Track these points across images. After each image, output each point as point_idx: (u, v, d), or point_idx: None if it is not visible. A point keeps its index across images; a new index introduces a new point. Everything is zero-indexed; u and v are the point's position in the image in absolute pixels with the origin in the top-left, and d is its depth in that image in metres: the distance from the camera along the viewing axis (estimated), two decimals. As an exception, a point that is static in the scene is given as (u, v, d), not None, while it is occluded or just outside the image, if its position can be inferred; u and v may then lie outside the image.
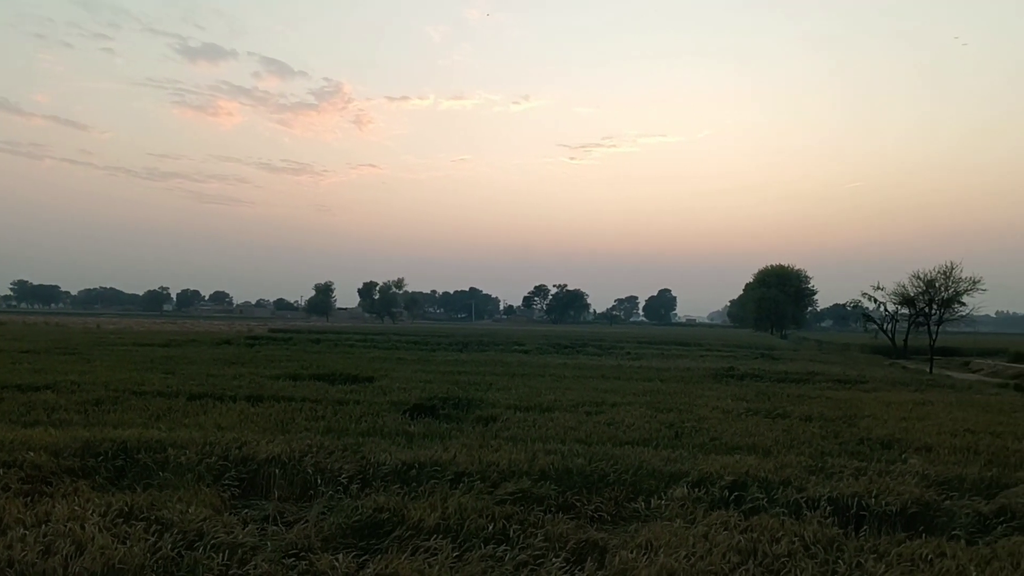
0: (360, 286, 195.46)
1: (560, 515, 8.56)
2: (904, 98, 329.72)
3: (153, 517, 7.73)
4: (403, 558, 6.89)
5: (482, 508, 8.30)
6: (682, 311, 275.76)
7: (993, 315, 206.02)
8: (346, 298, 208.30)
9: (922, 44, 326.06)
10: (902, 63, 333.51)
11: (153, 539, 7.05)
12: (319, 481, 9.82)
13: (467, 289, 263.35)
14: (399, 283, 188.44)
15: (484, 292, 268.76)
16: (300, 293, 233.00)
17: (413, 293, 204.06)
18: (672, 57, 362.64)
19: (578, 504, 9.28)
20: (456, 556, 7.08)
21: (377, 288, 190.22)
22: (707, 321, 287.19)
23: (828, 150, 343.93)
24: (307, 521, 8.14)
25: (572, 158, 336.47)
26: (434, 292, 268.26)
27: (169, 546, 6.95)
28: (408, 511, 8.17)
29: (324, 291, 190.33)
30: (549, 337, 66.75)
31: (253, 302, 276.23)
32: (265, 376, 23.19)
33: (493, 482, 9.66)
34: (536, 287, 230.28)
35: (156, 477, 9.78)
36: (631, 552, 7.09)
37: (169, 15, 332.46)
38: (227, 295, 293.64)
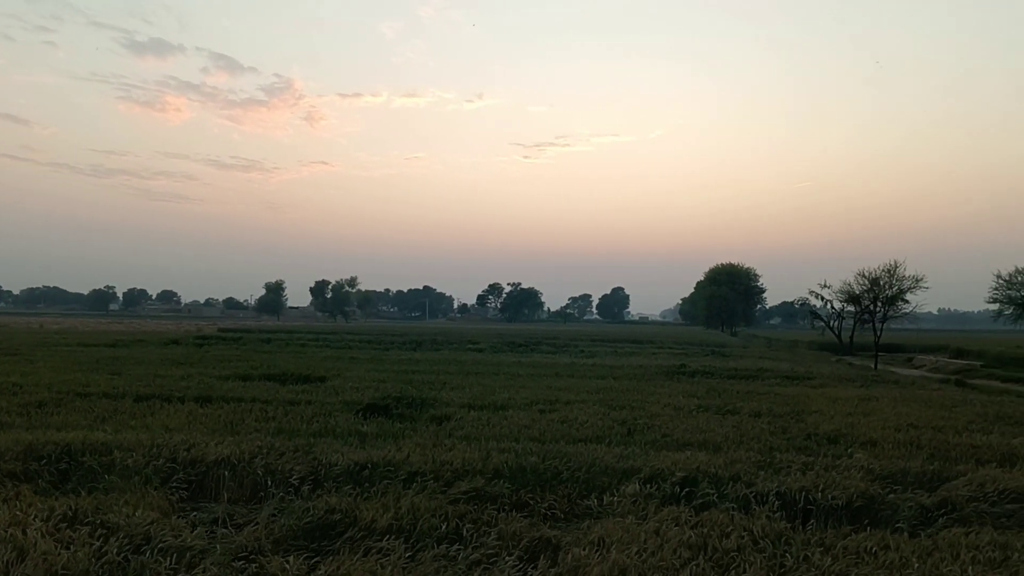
0: (312, 285, 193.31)
1: (514, 513, 8.58)
2: (851, 100, 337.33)
3: (98, 521, 7.56)
4: (355, 559, 6.84)
5: (435, 508, 8.28)
6: (635, 309, 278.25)
7: (935, 312, 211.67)
8: (298, 297, 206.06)
9: (868, 49, 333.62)
10: (849, 67, 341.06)
11: (98, 544, 6.90)
12: (270, 483, 9.70)
13: (421, 288, 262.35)
14: (352, 282, 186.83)
15: (438, 291, 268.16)
16: (250, 292, 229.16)
17: (366, 292, 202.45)
18: (625, 57, 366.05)
19: (532, 502, 9.31)
20: (409, 556, 7.05)
21: (330, 287, 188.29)
22: (660, 319, 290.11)
23: (778, 150, 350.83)
24: (257, 523, 8.03)
25: (526, 157, 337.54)
26: (388, 291, 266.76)
27: (115, 551, 6.80)
28: (360, 512, 8.11)
29: (275, 290, 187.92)
30: (503, 335, 66.81)
31: (202, 301, 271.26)
32: (214, 376, 22.82)
33: (447, 481, 9.65)
34: (490, 285, 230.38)
35: (102, 480, 9.57)
36: (584, 549, 7.13)
37: (114, 8, 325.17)
38: (175, 294, 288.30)
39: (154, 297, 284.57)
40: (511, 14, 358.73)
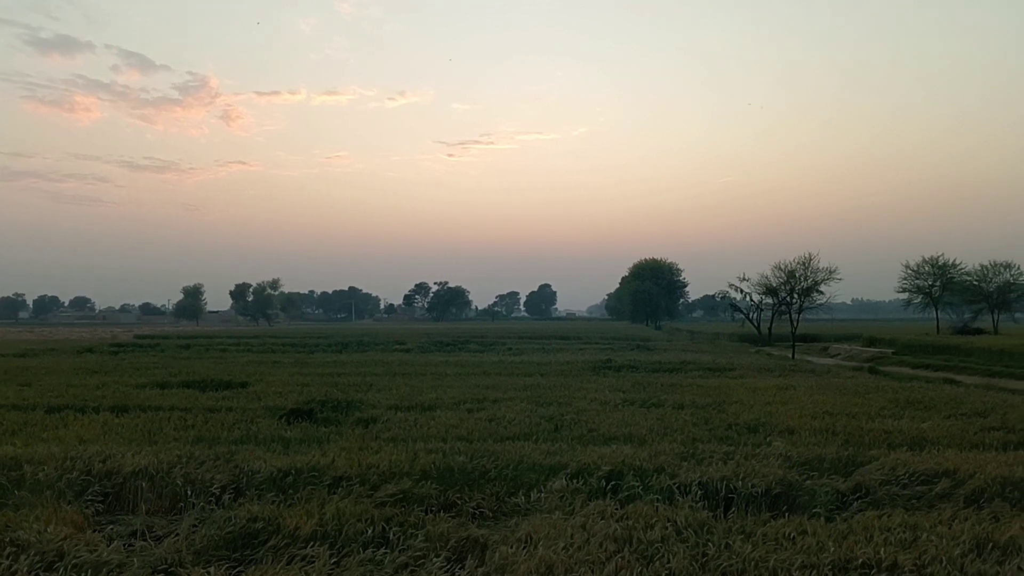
0: (232, 288, 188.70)
1: (442, 514, 8.56)
2: (764, 98, 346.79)
3: (8, 539, 7.27)
4: (278, 568, 6.73)
5: (361, 512, 8.19)
6: (562, 305, 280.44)
7: (849, 302, 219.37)
8: (217, 301, 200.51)
9: (779, 51, 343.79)
10: (763, 68, 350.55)
11: (8, 562, 6.62)
12: (189, 493, 9.49)
13: (346, 289, 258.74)
14: (274, 284, 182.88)
15: (364, 291, 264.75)
16: (168, 297, 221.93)
17: (289, 294, 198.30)
18: (549, 56, 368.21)
19: (460, 502, 9.33)
20: (334, 562, 6.97)
21: (251, 290, 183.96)
22: (587, 315, 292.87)
23: (701, 147, 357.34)
24: (177, 535, 7.83)
25: (450, 155, 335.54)
26: (312, 292, 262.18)
27: (25, 569, 6.57)
28: (284, 519, 7.98)
29: (193, 294, 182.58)
30: (431, 335, 66.55)
31: (117, 307, 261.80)
32: (131, 385, 22.10)
33: (373, 485, 9.58)
34: (417, 285, 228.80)
35: (11, 496, 9.20)
36: (511, 547, 7.16)
37: (17, 3, 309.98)
38: (89, 300, 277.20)
39: (67, 304, 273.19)
40: (432, 11, 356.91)
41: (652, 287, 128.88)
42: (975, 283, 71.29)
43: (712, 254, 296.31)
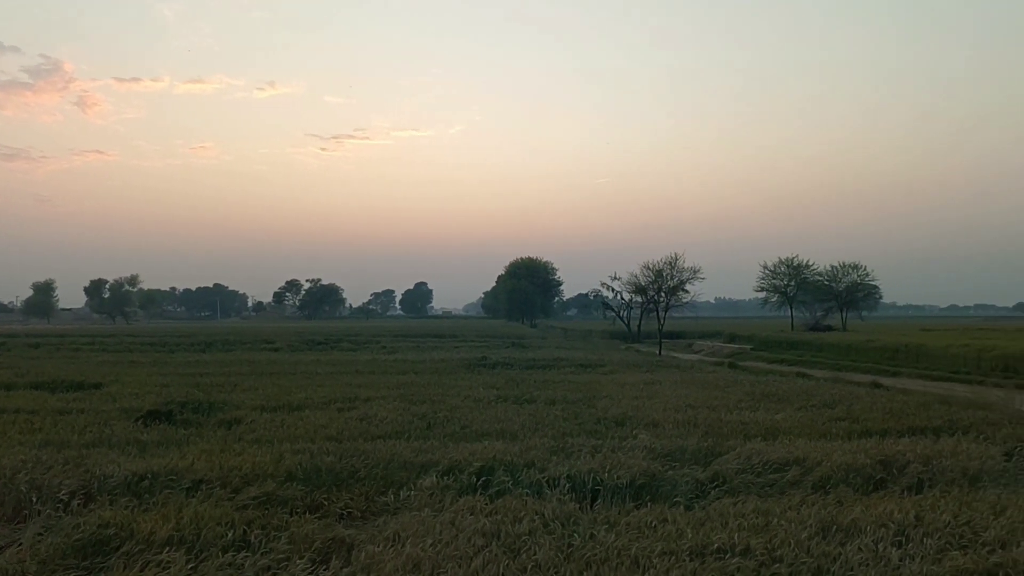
0: (87, 284, 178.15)
1: (307, 515, 8.38)
2: (639, 99, 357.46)
3: None
4: (131, 574, 6.38)
5: (221, 515, 7.92)
6: (439, 303, 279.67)
7: (712, 301, 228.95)
8: (71, 298, 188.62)
9: (654, 56, 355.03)
10: (637, 70, 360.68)
11: None
12: (35, 499, 8.89)
13: (211, 286, 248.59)
14: (133, 280, 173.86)
15: (231, 288, 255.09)
16: (16, 293, 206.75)
17: (150, 291, 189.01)
18: (425, 52, 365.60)
19: (327, 503, 9.16)
20: (191, 567, 6.68)
21: (107, 286, 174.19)
22: (463, 313, 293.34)
23: (577, 147, 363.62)
24: (21, 544, 7.34)
25: (323, 149, 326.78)
26: (174, 289, 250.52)
27: None
28: (138, 524, 7.62)
29: (44, 290, 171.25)
30: (302, 334, 64.86)
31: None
32: (-31, 388, 20.47)
33: (235, 487, 9.28)
34: (288, 282, 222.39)
35: None
36: (378, 546, 7.07)
37: None
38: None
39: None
40: (304, 2, 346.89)
41: (528, 286, 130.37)
42: (826, 283, 76.17)
43: (586, 254, 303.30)
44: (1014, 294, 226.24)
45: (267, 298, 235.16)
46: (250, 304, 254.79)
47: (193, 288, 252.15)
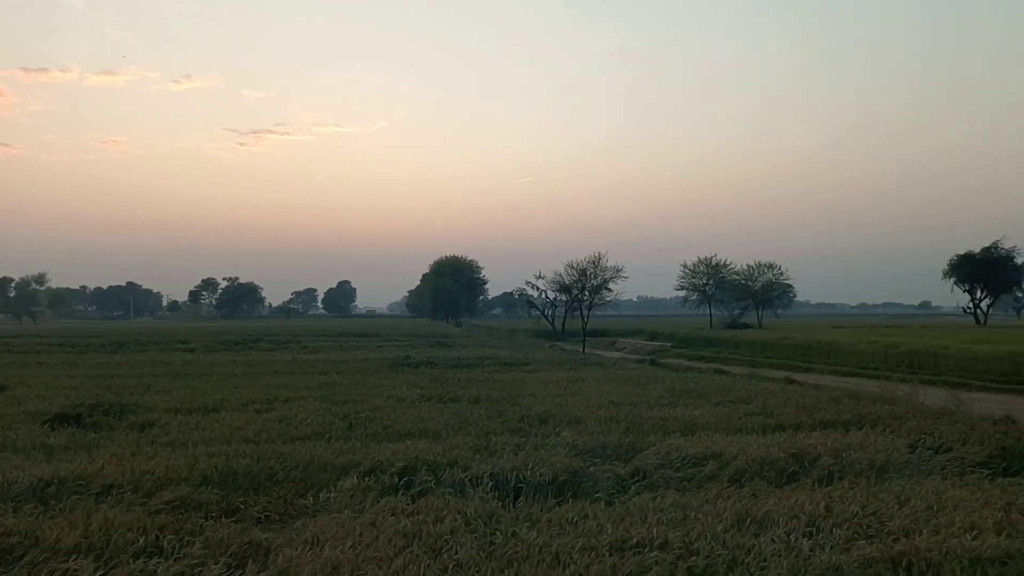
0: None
1: (223, 520, 8.18)
2: (566, 98, 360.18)
3: None
4: (33, 586, 6.12)
5: (132, 521, 7.67)
6: (362, 303, 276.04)
7: (635, 299, 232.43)
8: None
9: (571, 59, 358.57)
10: (559, 72, 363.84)
11: None
12: (-72, 510, 8.39)
13: (124, 284, 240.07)
14: (40, 279, 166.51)
15: (144, 287, 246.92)
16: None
17: (58, 289, 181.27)
18: (348, 46, 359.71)
19: (243, 506, 8.99)
20: (100, 575, 6.43)
21: (12, 284, 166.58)
22: (387, 312, 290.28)
23: (501, 148, 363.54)
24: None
25: (242, 144, 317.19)
26: (84, 288, 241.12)
27: None
28: (44, 532, 7.34)
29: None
30: (219, 334, 63.22)
31: None
32: None
33: (148, 492, 9.03)
34: (204, 280, 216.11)
35: None
36: (296, 549, 6.94)
37: None
38: None
39: None
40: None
41: (453, 284, 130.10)
42: (743, 282, 78.32)
43: (511, 253, 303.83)
44: (920, 293, 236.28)
45: (183, 297, 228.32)
46: (165, 303, 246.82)
47: (105, 287, 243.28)
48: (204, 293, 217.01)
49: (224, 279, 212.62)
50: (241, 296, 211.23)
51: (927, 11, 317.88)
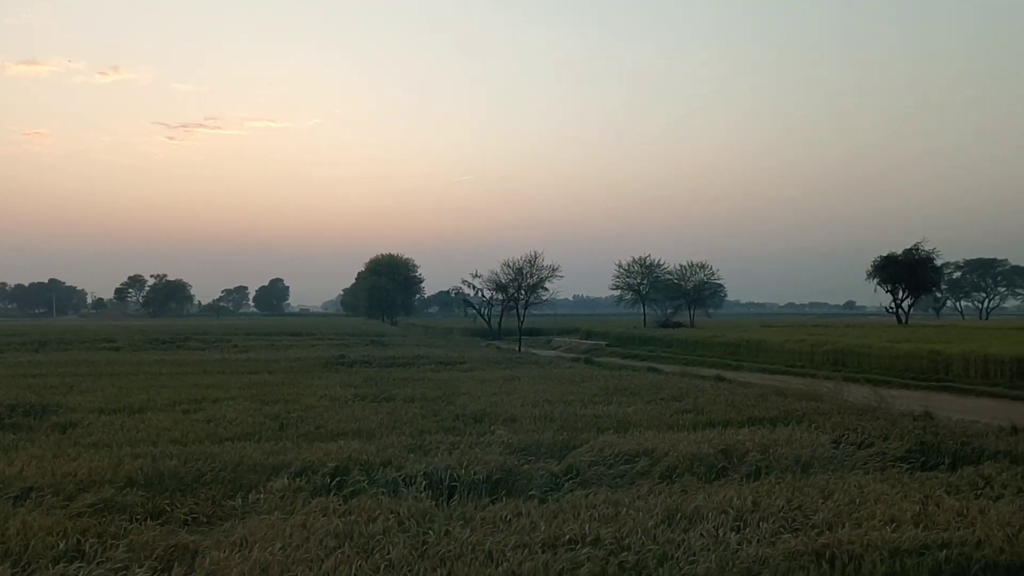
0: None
1: (149, 522, 7.98)
2: (502, 99, 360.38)
3: None
4: (-56, 596, 5.87)
5: (53, 524, 7.42)
6: (296, 301, 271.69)
7: (571, 299, 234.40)
8: None
9: (509, 57, 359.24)
10: (496, 72, 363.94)
11: None
12: None
13: (46, 281, 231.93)
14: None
15: (68, 284, 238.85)
16: None
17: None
18: (281, 42, 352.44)
19: (170, 508, 8.80)
20: (17, 582, 6.21)
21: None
22: (322, 310, 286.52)
23: (439, 144, 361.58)
24: None
25: (171, 138, 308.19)
26: (4, 285, 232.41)
27: None
28: (-44, 539, 6.98)
29: None
30: (146, 332, 61.49)
31: None
32: None
33: (69, 495, 8.75)
34: (131, 278, 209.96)
35: None
36: (224, 551, 6.81)
37: None
38: None
39: None
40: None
41: (388, 283, 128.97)
42: (676, 282, 79.63)
43: (448, 251, 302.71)
44: (845, 293, 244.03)
45: (108, 295, 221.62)
46: (89, 301, 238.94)
47: (26, 283, 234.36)
48: (131, 291, 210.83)
49: (152, 276, 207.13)
50: (169, 294, 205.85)
51: (839, 18, 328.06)
